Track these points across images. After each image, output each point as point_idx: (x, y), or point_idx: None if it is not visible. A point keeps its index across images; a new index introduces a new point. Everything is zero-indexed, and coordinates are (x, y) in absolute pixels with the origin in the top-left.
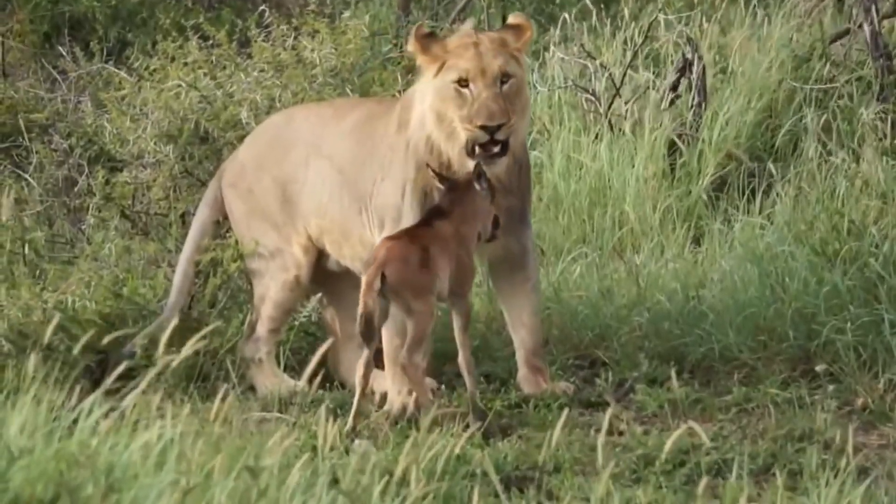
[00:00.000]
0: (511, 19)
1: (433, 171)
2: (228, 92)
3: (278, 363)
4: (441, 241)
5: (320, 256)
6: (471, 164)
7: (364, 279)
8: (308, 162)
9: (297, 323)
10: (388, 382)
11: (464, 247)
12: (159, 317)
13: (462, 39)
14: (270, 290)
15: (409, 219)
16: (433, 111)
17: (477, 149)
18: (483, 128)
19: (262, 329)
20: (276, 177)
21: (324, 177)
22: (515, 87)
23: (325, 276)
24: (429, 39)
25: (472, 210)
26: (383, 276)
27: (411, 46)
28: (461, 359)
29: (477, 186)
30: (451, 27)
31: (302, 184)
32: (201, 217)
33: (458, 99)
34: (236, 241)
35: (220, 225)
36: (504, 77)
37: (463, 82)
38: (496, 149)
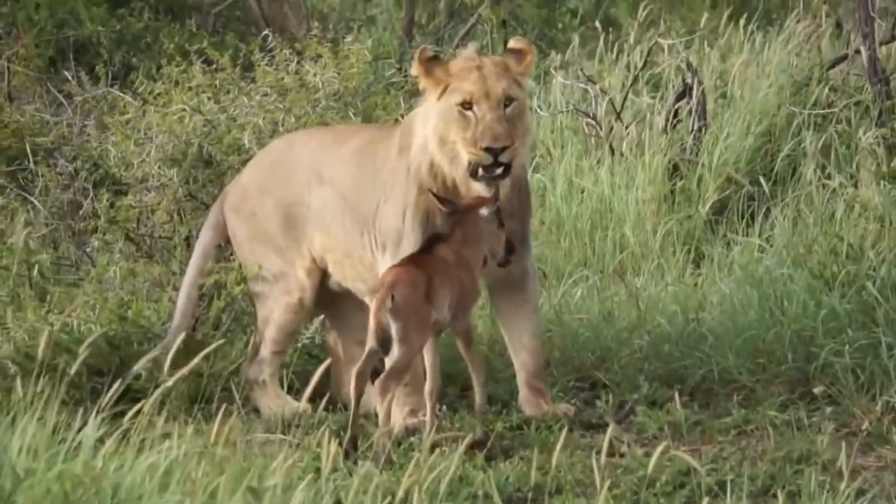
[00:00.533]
0: (512, 44)
1: (434, 195)
2: (232, 116)
3: (281, 385)
4: (443, 270)
5: (323, 278)
6: (475, 186)
7: (375, 300)
8: (310, 186)
9: (300, 345)
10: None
11: (466, 270)
12: (163, 339)
13: (465, 63)
14: (274, 312)
15: (409, 242)
16: (436, 134)
17: (480, 171)
18: (487, 150)
19: (265, 351)
20: (278, 200)
21: (326, 200)
22: (518, 111)
23: (327, 299)
24: (432, 63)
25: (474, 233)
26: (392, 298)
27: (415, 70)
28: (473, 374)
29: (483, 211)
30: (454, 52)
31: (305, 207)
32: (204, 241)
33: (462, 121)
34: (240, 265)
35: (223, 248)
36: (507, 100)
37: (466, 105)
38: (499, 171)
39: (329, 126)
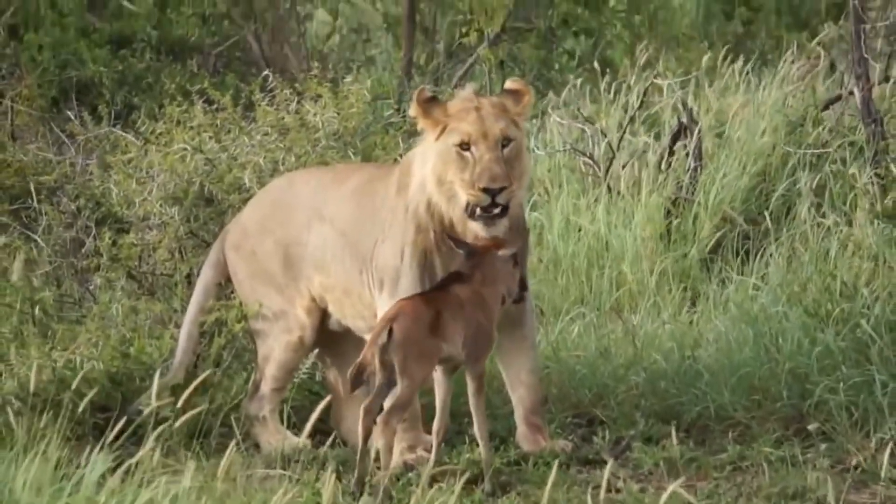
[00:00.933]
0: (510, 84)
1: (450, 237)
2: (233, 155)
3: (281, 420)
4: (456, 307)
5: (323, 317)
6: (472, 226)
7: (372, 333)
8: (310, 225)
9: (297, 381)
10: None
11: (484, 311)
12: (165, 376)
13: (463, 103)
14: (274, 350)
15: (407, 280)
16: (434, 174)
17: (478, 211)
18: (485, 190)
19: (265, 388)
20: (278, 239)
21: (325, 239)
22: (515, 151)
23: (327, 337)
24: (430, 104)
25: (492, 274)
26: (390, 332)
27: (413, 110)
28: (476, 425)
29: (502, 252)
30: (452, 92)
31: (304, 246)
32: (205, 279)
33: (460, 162)
34: (240, 303)
35: (224, 286)
36: (505, 140)
37: (465, 145)
38: (496, 211)
39: (329, 165)
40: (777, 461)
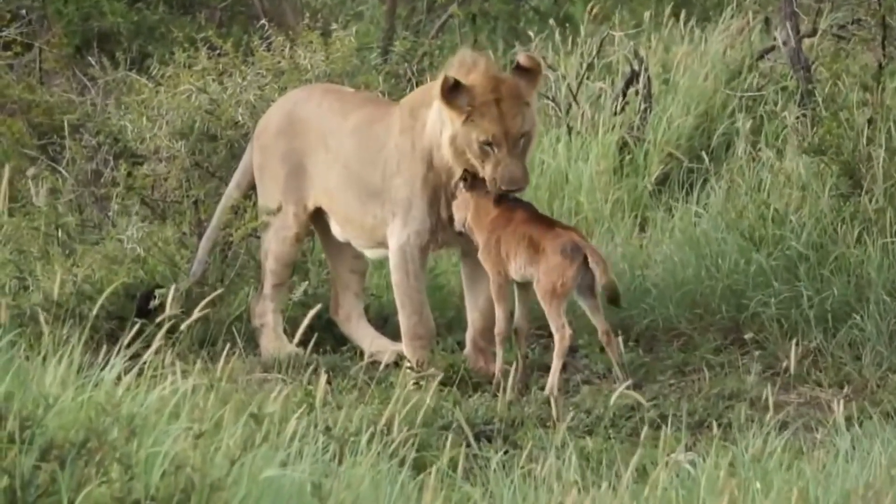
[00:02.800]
0: (523, 60)
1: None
2: (233, 94)
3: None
4: None
5: (318, 218)
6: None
7: (600, 263)
8: (317, 149)
9: (296, 298)
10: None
11: None
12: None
13: (485, 92)
14: (272, 244)
15: (418, 210)
16: (454, 146)
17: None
18: (507, 192)
19: (267, 286)
20: (292, 148)
21: (330, 168)
22: (528, 140)
23: (328, 241)
24: (454, 92)
25: None
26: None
27: (438, 101)
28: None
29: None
30: (431, 42)
31: (314, 165)
32: (246, 160)
33: (482, 155)
34: (254, 203)
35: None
36: (522, 136)
37: (487, 143)
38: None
39: (339, 90)
40: (716, 366)
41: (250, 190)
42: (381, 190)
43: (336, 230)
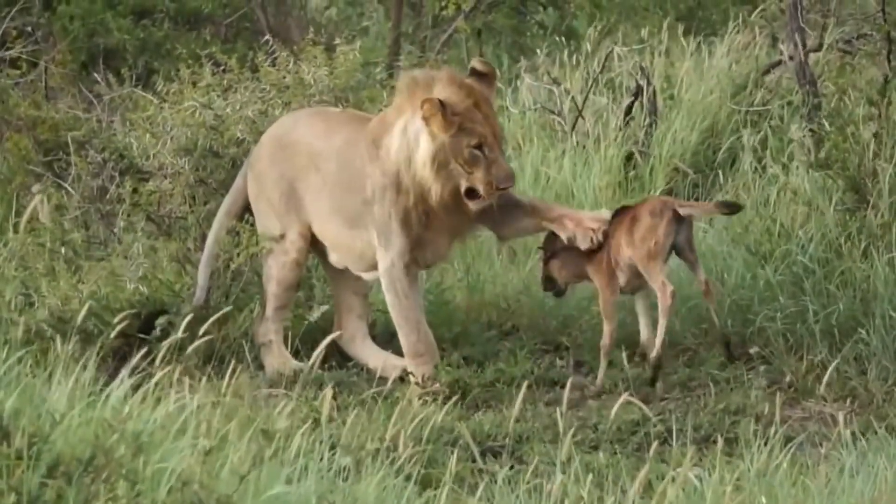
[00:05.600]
0: (478, 66)
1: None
2: (236, 110)
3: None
4: None
5: (314, 240)
6: (470, 204)
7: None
8: (308, 171)
9: (306, 322)
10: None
11: None
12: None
13: (461, 97)
14: (273, 269)
15: (396, 233)
16: (435, 160)
17: (474, 194)
18: (501, 189)
19: (269, 309)
20: (282, 173)
21: (320, 192)
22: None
23: (327, 262)
24: (443, 109)
25: None
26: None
27: (436, 126)
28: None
29: None
30: (436, 57)
31: (306, 189)
32: (237, 185)
33: (473, 160)
34: (252, 227)
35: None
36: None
37: (479, 146)
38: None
39: (325, 112)
40: (722, 381)
41: (241, 215)
42: (364, 214)
43: (332, 256)
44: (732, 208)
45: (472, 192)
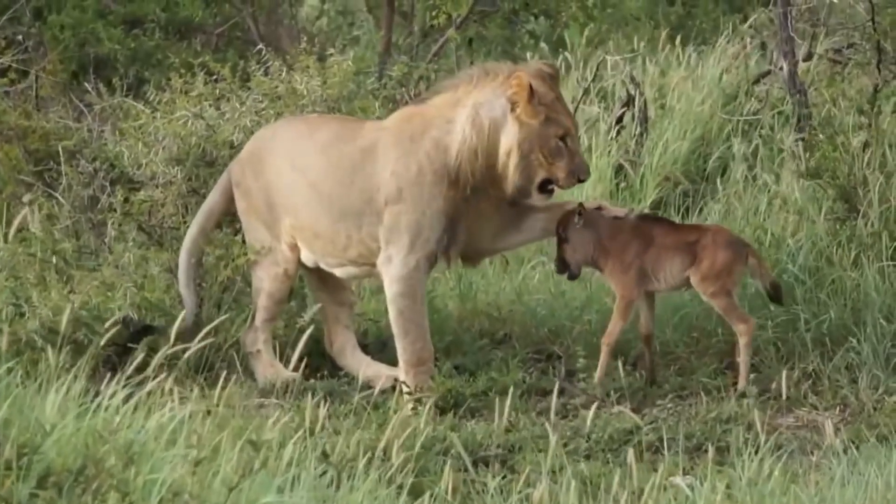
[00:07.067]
0: (544, 68)
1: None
2: (228, 120)
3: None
4: None
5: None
6: (538, 196)
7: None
8: (281, 172)
9: (298, 326)
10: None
11: None
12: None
13: (547, 91)
14: (264, 282)
15: (434, 232)
16: (521, 150)
17: (549, 187)
18: (582, 181)
19: (258, 319)
20: (261, 184)
21: (295, 186)
22: None
23: (315, 272)
24: (533, 96)
25: None
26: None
27: (525, 113)
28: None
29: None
30: (427, 67)
31: (278, 190)
32: (210, 202)
33: (556, 152)
34: (242, 238)
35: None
36: None
37: (563, 138)
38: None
39: (302, 117)
40: (713, 390)
41: (213, 232)
42: (363, 213)
43: (304, 254)
44: (777, 294)
45: (544, 185)
